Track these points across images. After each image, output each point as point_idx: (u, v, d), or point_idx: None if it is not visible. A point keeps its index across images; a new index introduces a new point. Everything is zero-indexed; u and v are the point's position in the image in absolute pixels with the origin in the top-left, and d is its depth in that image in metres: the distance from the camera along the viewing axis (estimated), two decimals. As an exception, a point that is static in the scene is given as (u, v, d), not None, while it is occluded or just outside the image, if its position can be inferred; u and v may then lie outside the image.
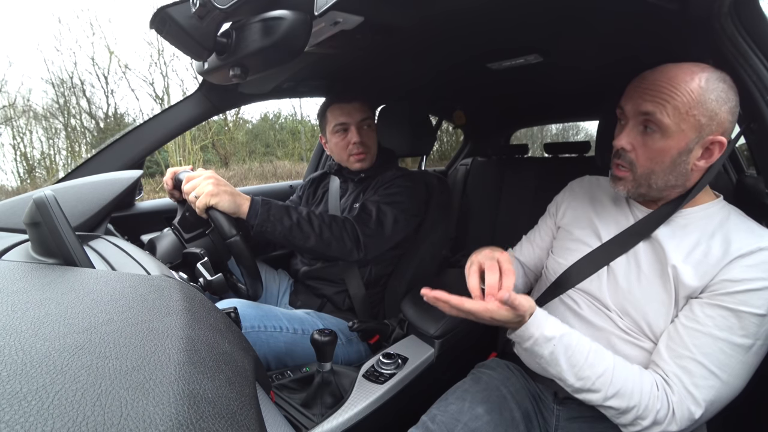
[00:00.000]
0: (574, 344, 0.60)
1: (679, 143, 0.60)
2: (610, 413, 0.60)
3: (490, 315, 0.59)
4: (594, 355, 0.60)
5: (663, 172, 0.63)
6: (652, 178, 0.64)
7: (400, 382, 0.86)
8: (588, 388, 0.59)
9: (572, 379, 0.60)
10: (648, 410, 0.56)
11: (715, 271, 0.58)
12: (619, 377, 0.58)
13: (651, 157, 0.62)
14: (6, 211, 0.74)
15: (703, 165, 0.62)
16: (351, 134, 1.11)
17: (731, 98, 0.59)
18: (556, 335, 0.60)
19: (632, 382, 0.58)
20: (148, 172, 7.42)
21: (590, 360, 0.59)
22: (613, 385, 0.58)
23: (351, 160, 1.13)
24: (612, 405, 0.58)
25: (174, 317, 0.36)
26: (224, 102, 1.18)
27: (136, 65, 11.81)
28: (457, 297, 0.60)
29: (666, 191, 0.65)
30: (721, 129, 0.59)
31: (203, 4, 0.60)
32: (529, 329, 0.61)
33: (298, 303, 1.18)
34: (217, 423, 0.26)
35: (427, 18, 0.77)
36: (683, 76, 0.59)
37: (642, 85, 0.62)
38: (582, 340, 0.61)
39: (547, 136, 10.48)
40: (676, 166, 0.62)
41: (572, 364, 0.59)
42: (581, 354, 0.60)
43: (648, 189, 0.65)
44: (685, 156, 0.61)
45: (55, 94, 7.02)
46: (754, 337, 0.54)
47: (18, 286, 0.38)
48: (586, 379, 0.59)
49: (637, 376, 0.59)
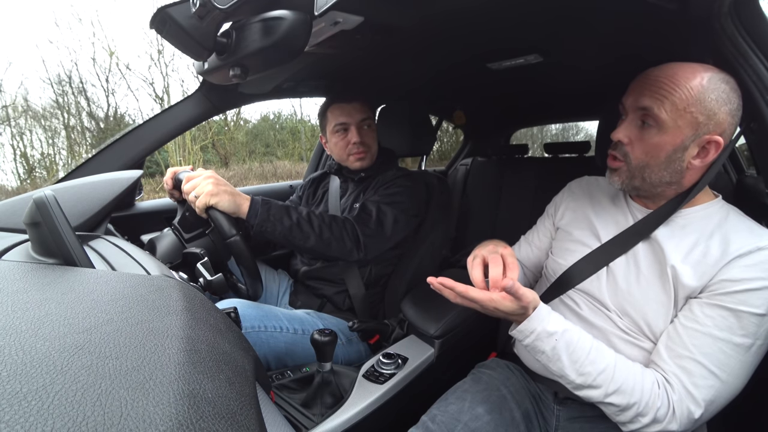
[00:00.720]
0: (576, 340, 0.60)
1: (674, 139, 0.60)
2: (610, 410, 0.60)
3: (494, 305, 0.59)
4: (596, 352, 0.60)
5: (657, 167, 0.63)
6: (646, 172, 0.64)
7: (400, 382, 0.86)
8: (589, 384, 0.59)
9: (573, 375, 0.60)
10: (648, 407, 0.56)
11: (714, 271, 0.58)
12: (620, 374, 0.58)
13: (646, 151, 0.63)
14: (6, 211, 0.74)
15: (698, 164, 0.62)
16: (351, 134, 1.11)
17: (733, 100, 0.59)
18: (558, 330, 0.60)
19: (633, 379, 0.58)
20: (148, 172, 7.42)
21: (592, 356, 0.59)
22: (614, 381, 0.58)
23: (351, 160, 1.14)
24: (613, 402, 0.58)
25: (174, 317, 0.36)
26: (224, 102, 1.18)
27: (136, 65, 11.81)
28: (462, 285, 0.61)
29: (660, 187, 0.65)
30: (719, 129, 0.59)
31: (203, 4, 0.60)
32: (532, 323, 0.60)
33: (298, 303, 1.18)
34: (217, 423, 0.26)
35: (427, 18, 0.77)
36: (685, 73, 0.59)
37: (644, 80, 0.63)
38: (584, 336, 0.62)
39: (547, 136, 10.46)
40: (670, 162, 0.62)
41: (574, 360, 0.59)
42: (583, 350, 0.60)
43: (642, 182, 0.66)
44: (680, 153, 0.61)
45: (55, 93, 7.02)
46: (753, 336, 0.55)
47: (18, 286, 0.38)
48: (588, 375, 0.59)
49: (639, 373, 0.59)
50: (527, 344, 0.62)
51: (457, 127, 2.31)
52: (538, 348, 0.61)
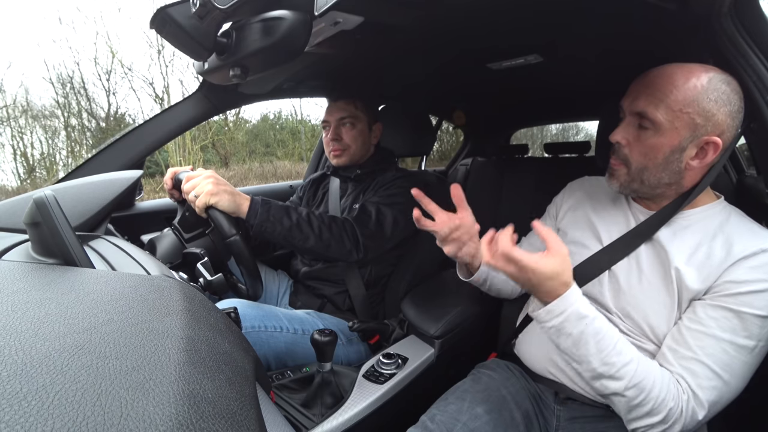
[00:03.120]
0: (605, 329, 0.58)
1: (672, 141, 0.60)
2: (621, 404, 0.58)
3: (535, 265, 0.57)
4: (622, 344, 0.58)
5: (656, 168, 0.63)
6: (645, 174, 0.64)
7: (400, 382, 0.86)
8: (611, 375, 0.57)
9: (596, 363, 0.57)
10: (663, 405, 0.55)
11: (719, 272, 0.58)
12: (643, 368, 0.57)
13: (644, 153, 0.63)
14: (6, 211, 0.74)
15: (697, 165, 0.61)
16: (330, 132, 1.16)
17: (733, 102, 0.59)
18: (590, 315, 0.58)
19: (653, 375, 0.57)
20: (148, 172, 7.42)
21: (619, 347, 0.58)
22: (637, 374, 0.56)
23: (330, 156, 1.18)
24: (630, 395, 0.56)
25: (174, 317, 0.36)
26: (224, 102, 1.18)
27: (137, 65, 11.80)
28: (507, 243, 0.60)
29: (660, 189, 0.65)
30: (717, 130, 0.59)
31: (203, 4, 0.60)
32: (565, 301, 0.58)
33: (298, 303, 1.18)
34: (217, 423, 0.26)
35: (427, 18, 0.77)
36: (682, 74, 0.59)
37: (641, 82, 0.64)
38: (611, 326, 0.60)
39: (547, 136, 10.47)
40: (668, 163, 0.62)
41: (600, 349, 0.57)
42: (611, 339, 0.58)
43: (640, 185, 0.66)
44: (678, 154, 0.61)
45: (56, 93, 7.02)
46: (756, 338, 0.55)
47: (18, 286, 0.38)
48: (612, 365, 0.57)
49: (658, 371, 0.58)
50: (553, 325, 0.59)
51: (457, 127, 2.31)
52: (565, 330, 0.58)
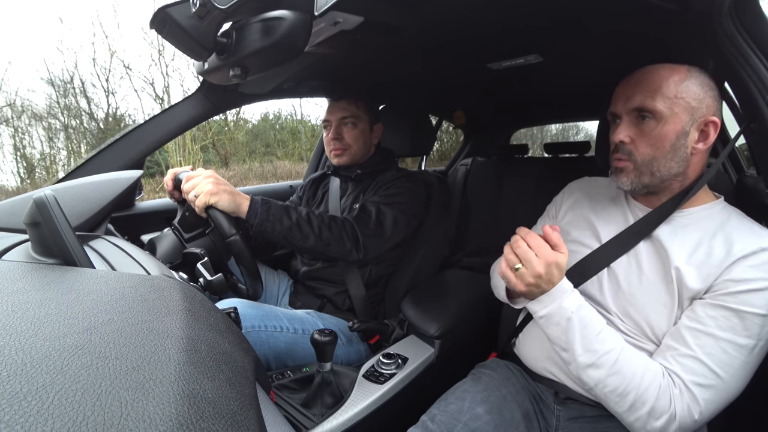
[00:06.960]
0: (590, 318, 0.62)
1: (675, 126, 0.62)
2: (610, 400, 0.60)
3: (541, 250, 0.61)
4: (605, 333, 0.61)
5: (664, 157, 0.64)
6: (654, 165, 0.65)
7: (400, 382, 0.86)
8: (592, 363, 0.60)
9: (580, 351, 0.61)
10: (648, 395, 0.56)
11: (719, 271, 0.58)
12: (624, 358, 0.59)
13: (651, 144, 0.64)
14: (6, 211, 0.74)
15: (701, 147, 0.64)
16: (331, 131, 1.15)
17: (713, 87, 0.64)
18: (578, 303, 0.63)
19: (635, 364, 0.59)
20: (148, 172, 7.41)
21: (602, 336, 0.61)
22: (617, 363, 0.59)
23: (331, 156, 1.18)
24: (611, 383, 0.58)
25: (174, 317, 0.36)
26: (224, 102, 1.19)
27: (136, 65, 11.80)
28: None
29: (669, 180, 0.66)
30: (711, 111, 0.63)
31: (203, 4, 0.60)
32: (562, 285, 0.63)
33: (298, 303, 1.18)
34: (217, 423, 0.26)
35: (427, 18, 0.77)
36: (665, 69, 0.64)
37: (628, 83, 0.67)
38: (597, 316, 0.63)
39: (547, 136, 10.47)
40: (676, 150, 0.63)
41: (584, 335, 0.61)
42: (594, 329, 0.61)
43: (651, 178, 0.66)
44: (683, 139, 0.63)
45: (56, 93, 7.02)
46: (756, 337, 0.55)
47: (18, 286, 0.38)
48: (594, 352, 0.60)
49: (643, 362, 0.59)
50: (545, 314, 0.63)
51: (457, 127, 2.31)
52: (554, 320, 0.63)
